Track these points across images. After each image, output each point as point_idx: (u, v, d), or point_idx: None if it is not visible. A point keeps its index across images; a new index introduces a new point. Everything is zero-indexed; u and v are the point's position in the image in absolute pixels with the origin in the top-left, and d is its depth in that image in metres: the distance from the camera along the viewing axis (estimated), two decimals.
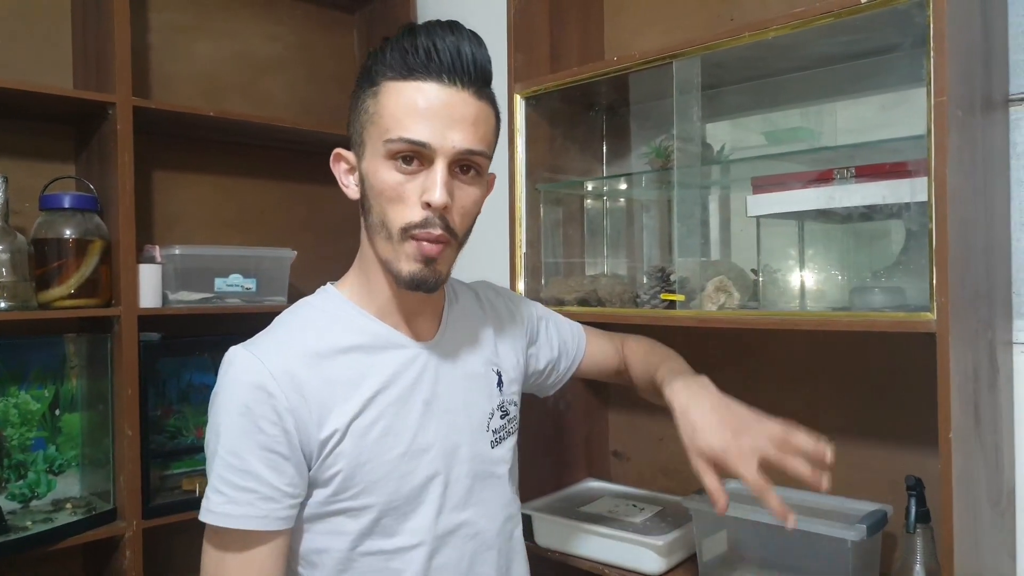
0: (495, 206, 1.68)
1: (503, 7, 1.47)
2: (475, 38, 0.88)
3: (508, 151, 1.47)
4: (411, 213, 0.85)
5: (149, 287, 1.59)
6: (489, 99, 0.90)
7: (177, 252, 1.64)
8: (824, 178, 1.17)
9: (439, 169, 0.84)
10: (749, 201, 1.25)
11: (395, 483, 0.90)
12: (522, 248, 1.47)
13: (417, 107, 0.83)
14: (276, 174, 2.01)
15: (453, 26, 0.87)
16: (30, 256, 1.48)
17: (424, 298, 0.95)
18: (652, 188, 1.55)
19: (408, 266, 0.86)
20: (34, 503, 1.53)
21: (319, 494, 0.88)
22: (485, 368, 1.02)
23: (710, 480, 0.89)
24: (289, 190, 2.03)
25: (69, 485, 1.59)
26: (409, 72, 0.84)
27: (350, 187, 0.93)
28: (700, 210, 1.35)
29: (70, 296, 1.50)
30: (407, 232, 0.85)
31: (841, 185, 1.15)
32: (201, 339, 1.80)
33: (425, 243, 0.85)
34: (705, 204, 1.43)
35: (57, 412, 1.57)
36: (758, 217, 1.28)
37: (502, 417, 1.02)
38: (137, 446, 1.53)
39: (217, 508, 0.85)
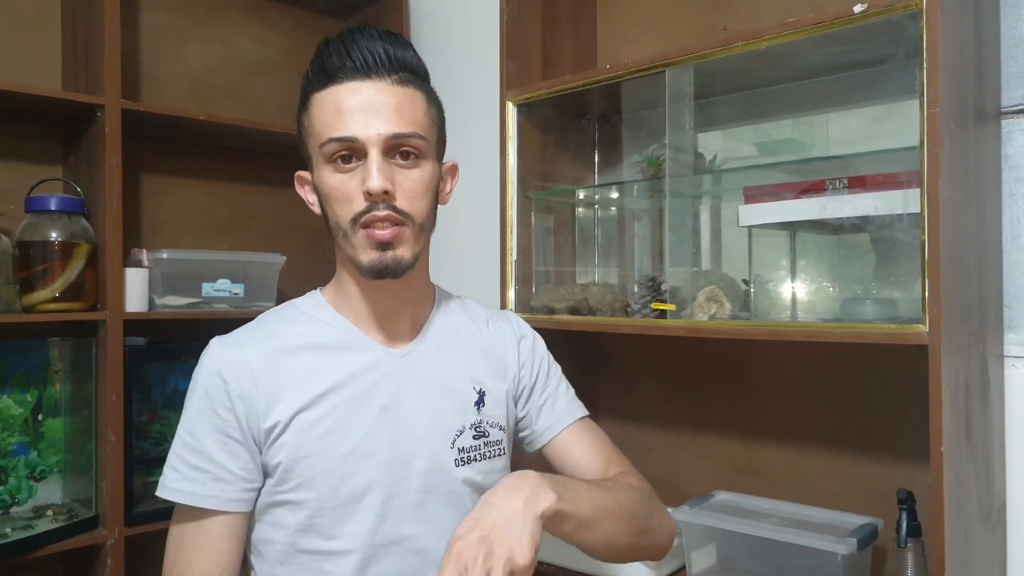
0: (486, 214, 1.69)
1: (496, 15, 1.47)
2: (389, 35, 0.92)
3: (500, 158, 1.47)
4: (356, 205, 0.88)
5: (135, 291, 1.57)
6: (416, 86, 0.92)
7: (164, 256, 1.63)
8: (816, 189, 1.16)
9: (373, 158, 0.87)
10: (741, 211, 1.25)
11: (335, 481, 0.90)
12: (513, 256, 1.47)
13: (340, 107, 0.88)
14: (265, 179, 2.00)
15: (363, 29, 0.91)
16: (14, 258, 1.46)
17: (396, 299, 0.96)
18: (644, 197, 1.54)
19: (366, 255, 0.89)
20: (14, 509, 1.50)
21: (268, 483, 0.91)
22: (463, 384, 0.99)
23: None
24: (278, 195, 2.01)
25: (51, 491, 1.56)
26: (328, 78, 0.89)
27: (314, 205, 0.97)
28: (691, 219, 1.35)
29: (55, 299, 1.48)
30: (356, 223, 0.88)
31: (833, 196, 1.14)
32: (188, 344, 1.77)
33: (376, 230, 0.88)
34: (697, 214, 1.42)
35: (40, 417, 1.55)
36: (750, 227, 1.28)
37: (476, 437, 0.98)
38: (121, 452, 1.51)
39: (170, 484, 0.89)
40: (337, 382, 0.92)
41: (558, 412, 1.07)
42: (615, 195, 1.61)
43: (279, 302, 1.79)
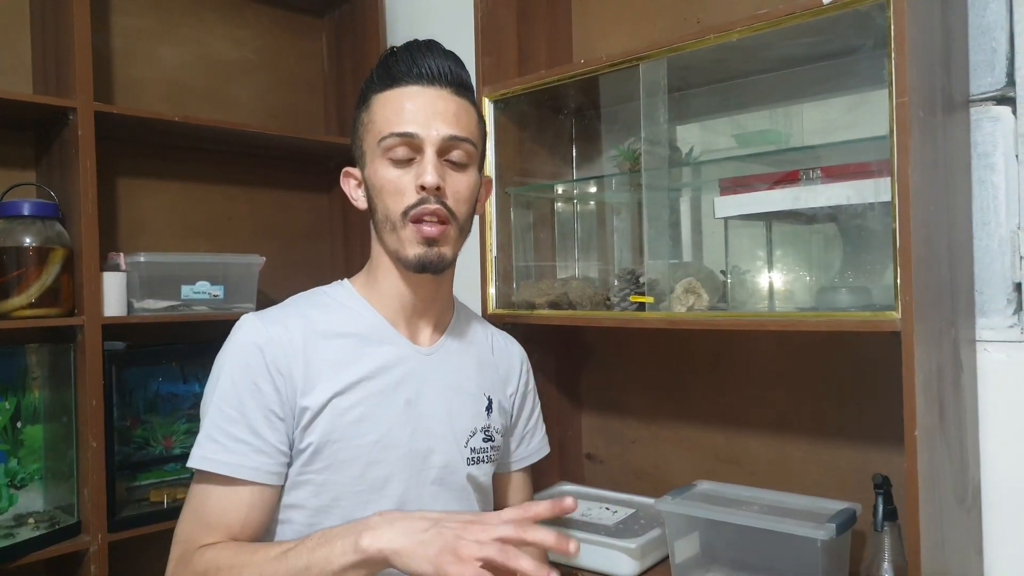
0: None
1: (470, 9, 1.46)
2: (450, 54, 1.00)
3: None
4: (408, 198, 0.93)
5: (113, 295, 1.56)
6: (469, 99, 1.00)
7: (142, 259, 1.61)
8: (790, 179, 1.17)
9: (428, 155, 0.93)
10: (716, 203, 1.26)
11: (360, 468, 0.94)
12: (492, 252, 1.47)
13: (403, 107, 0.94)
14: (243, 180, 1.98)
15: (430, 43, 0.99)
16: None
17: (428, 298, 1.01)
18: (622, 191, 1.55)
19: (413, 249, 0.94)
20: None
21: (295, 463, 0.93)
22: (476, 389, 1.07)
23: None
24: (257, 196, 2.00)
25: (32, 499, 1.55)
26: (393, 81, 0.96)
27: (359, 200, 1.02)
28: (669, 212, 1.35)
29: (31, 305, 1.47)
30: (407, 216, 0.93)
31: (807, 186, 1.15)
32: (168, 347, 1.77)
33: (425, 226, 0.93)
34: (676, 206, 1.43)
35: (19, 424, 1.53)
36: (726, 219, 1.29)
37: (485, 440, 1.06)
38: (102, 458, 1.50)
39: (212, 455, 0.90)
40: (370, 372, 0.96)
41: (533, 447, 1.19)
42: (593, 189, 1.62)
43: (259, 303, 1.80)
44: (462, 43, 1.31)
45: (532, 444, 1.19)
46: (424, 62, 0.96)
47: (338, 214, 2.11)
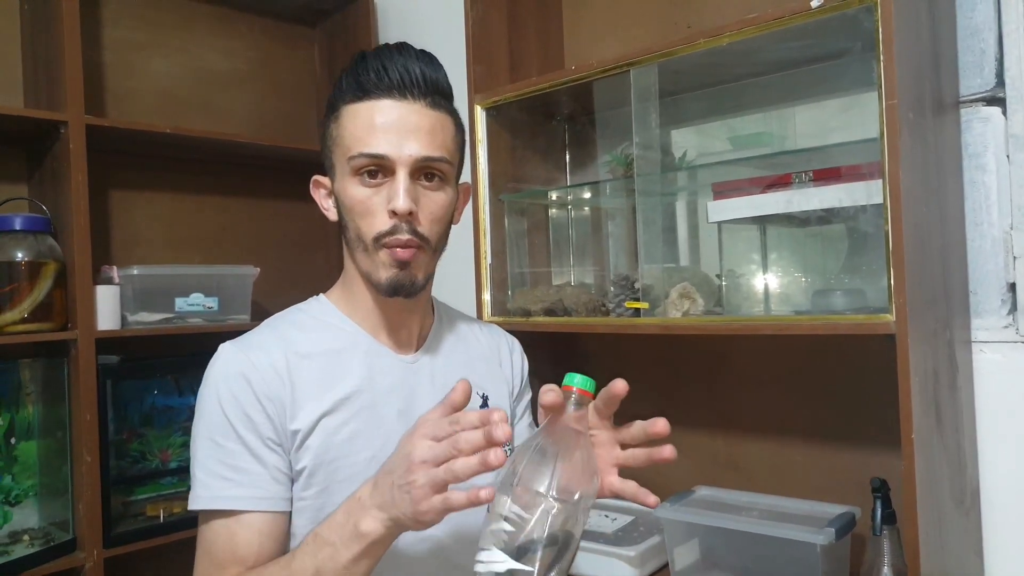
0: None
1: (461, 18, 1.46)
2: (425, 55, 0.92)
3: (471, 162, 1.46)
4: (380, 223, 0.89)
5: (107, 309, 1.55)
6: (445, 109, 0.93)
7: (135, 272, 1.61)
8: (782, 182, 1.17)
9: (400, 178, 0.88)
10: (710, 207, 1.26)
11: (358, 486, 0.88)
12: (487, 259, 1.46)
13: (374, 123, 0.89)
14: (236, 191, 1.98)
15: (401, 47, 0.92)
16: None
17: (405, 310, 0.98)
18: (616, 196, 1.55)
19: (385, 273, 0.90)
20: None
21: (294, 489, 0.90)
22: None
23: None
24: (250, 206, 2.00)
25: (26, 516, 1.54)
26: (364, 93, 0.90)
27: (329, 210, 0.98)
28: (662, 217, 1.35)
29: (23, 320, 1.46)
30: (379, 241, 0.89)
31: (799, 189, 1.15)
32: (163, 360, 1.76)
33: (397, 249, 0.89)
34: (670, 211, 1.43)
35: (12, 440, 1.52)
36: (720, 223, 1.29)
37: None
38: (97, 472, 1.49)
39: (220, 492, 0.86)
40: (356, 387, 0.93)
41: (518, 431, 1.13)
42: (587, 195, 1.62)
43: (254, 314, 1.79)
44: (453, 51, 1.31)
45: (517, 431, 1.12)
46: (395, 71, 0.89)
47: (332, 224, 2.09)
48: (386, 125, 0.88)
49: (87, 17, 1.60)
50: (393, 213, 0.88)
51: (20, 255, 1.46)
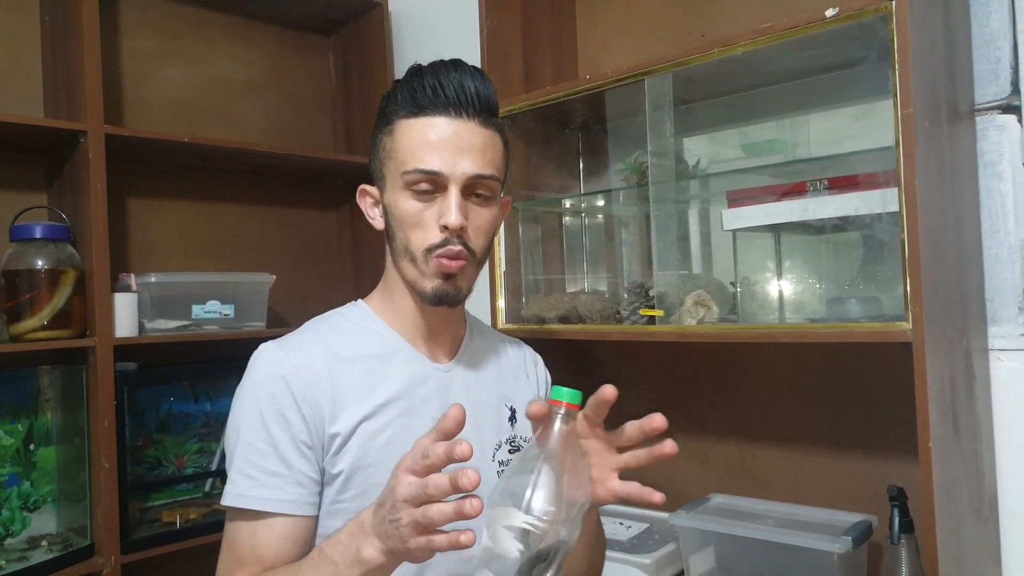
0: None
1: (475, 27, 1.48)
2: (477, 72, 0.95)
3: None
4: (431, 236, 0.91)
5: (125, 316, 1.56)
6: (495, 127, 0.96)
7: (153, 280, 1.62)
8: (797, 190, 1.18)
9: (453, 194, 0.90)
10: (724, 215, 1.26)
11: None
12: (502, 267, 1.47)
13: (428, 140, 0.91)
14: (252, 198, 2.00)
15: (456, 64, 0.94)
16: (1, 288, 1.45)
17: (443, 320, 1.00)
18: (630, 204, 1.55)
19: (431, 283, 0.93)
20: (8, 541, 1.49)
21: (326, 492, 0.92)
22: (497, 400, 1.06)
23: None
24: (266, 214, 2.01)
25: (45, 521, 1.55)
26: (419, 109, 0.92)
27: (375, 219, 1.00)
28: (677, 225, 1.36)
29: (43, 328, 1.47)
30: (429, 253, 0.92)
31: (814, 197, 1.15)
32: (180, 367, 1.77)
33: (445, 260, 0.91)
34: (684, 219, 1.43)
35: (31, 447, 1.54)
36: (734, 230, 1.29)
37: (511, 451, 1.04)
38: (115, 478, 1.50)
39: (248, 492, 0.88)
40: (395, 393, 0.95)
41: None
42: (601, 203, 1.62)
43: (270, 322, 1.81)
44: (468, 60, 1.32)
45: None
46: (452, 89, 0.91)
47: (347, 232, 2.12)
48: (441, 142, 0.90)
49: (105, 27, 1.62)
50: (445, 228, 0.90)
51: (40, 263, 1.48)
